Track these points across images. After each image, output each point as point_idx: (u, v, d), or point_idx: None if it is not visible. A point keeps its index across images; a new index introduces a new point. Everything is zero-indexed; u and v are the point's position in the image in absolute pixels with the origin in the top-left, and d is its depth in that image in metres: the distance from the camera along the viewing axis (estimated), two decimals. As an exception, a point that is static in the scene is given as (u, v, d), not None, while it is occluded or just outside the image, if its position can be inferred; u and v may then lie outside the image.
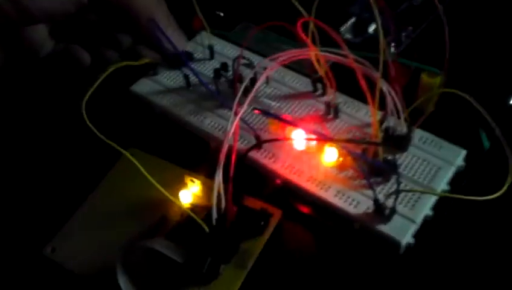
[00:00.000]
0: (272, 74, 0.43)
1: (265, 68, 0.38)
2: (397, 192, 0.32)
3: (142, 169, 0.33)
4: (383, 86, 0.35)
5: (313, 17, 0.35)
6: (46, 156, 0.43)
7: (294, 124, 0.35)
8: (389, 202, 0.34)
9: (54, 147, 0.44)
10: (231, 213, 0.34)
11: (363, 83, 0.34)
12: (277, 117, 0.36)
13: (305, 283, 0.34)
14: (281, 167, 0.38)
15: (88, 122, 0.33)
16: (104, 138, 0.33)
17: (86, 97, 0.34)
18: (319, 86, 0.42)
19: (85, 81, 0.38)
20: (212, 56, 0.46)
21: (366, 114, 0.40)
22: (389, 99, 0.36)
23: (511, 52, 0.46)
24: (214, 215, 0.34)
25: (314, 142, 0.36)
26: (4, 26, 0.36)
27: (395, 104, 0.36)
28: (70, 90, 0.45)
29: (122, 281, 0.33)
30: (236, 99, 0.35)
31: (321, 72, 0.38)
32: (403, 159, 0.37)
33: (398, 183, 0.32)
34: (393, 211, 0.34)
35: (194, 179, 0.37)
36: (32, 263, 0.37)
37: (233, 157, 0.33)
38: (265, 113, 0.37)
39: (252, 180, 0.38)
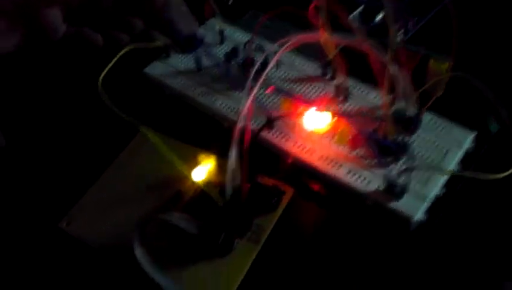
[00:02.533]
0: (282, 58, 0.44)
1: (275, 52, 0.38)
2: (410, 169, 0.33)
3: (159, 142, 0.33)
4: (393, 68, 0.36)
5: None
6: (62, 132, 0.44)
7: (306, 102, 0.36)
8: (401, 180, 0.35)
9: (70, 124, 0.45)
10: (245, 188, 0.35)
11: (375, 64, 0.35)
12: (290, 95, 0.36)
13: (316, 258, 0.35)
14: (292, 146, 0.39)
15: (105, 98, 0.33)
16: (123, 114, 0.33)
17: (103, 74, 0.35)
18: (329, 70, 0.43)
19: (99, 62, 0.39)
20: (222, 41, 0.47)
21: (376, 97, 0.41)
22: (398, 81, 0.36)
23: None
24: (228, 190, 0.34)
25: (325, 122, 0.36)
26: (22, 6, 0.37)
27: (404, 87, 0.37)
28: (85, 71, 0.46)
29: (139, 253, 0.33)
30: (250, 78, 0.36)
31: (331, 55, 0.39)
32: (413, 141, 0.38)
33: (412, 160, 0.33)
34: (404, 188, 0.34)
35: (208, 156, 0.38)
36: (48, 236, 0.37)
37: (248, 132, 0.34)
38: (279, 91, 0.38)
39: (265, 161, 0.39)
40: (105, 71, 0.35)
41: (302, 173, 0.38)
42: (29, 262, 0.36)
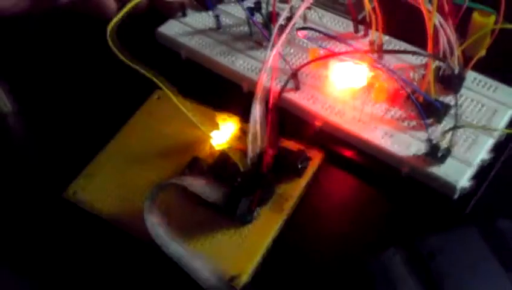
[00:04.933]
0: (310, 15, 0.40)
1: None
2: (455, 128, 0.29)
3: (178, 101, 0.29)
4: (437, 19, 0.32)
5: None
6: (68, 95, 0.41)
7: (337, 55, 0.32)
8: (443, 143, 0.31)
9: (76, 85, 0.41)
10: (268, 152, 0.32)
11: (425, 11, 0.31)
12: (320, 45, 0.32)
13: (347, 230, 0.31)
14: (321, 108, 0.35)
15: (114, 48, 0.30)
16: (139, 67, 0.29)
17: (112, 23, 0.31)
18: (361, 27, 0.39)
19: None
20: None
21: (413, 56, 0.37)
22: (442, 34, 0.33)
23: None
24: (250, 153, 0.31)
25: (360, 77, 0.32)
26: None
27: (448, 41, 0.33)
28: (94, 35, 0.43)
29: (150, 223, 0.30)
30: (274, 31, 0.32)
31: (368, 6, 0.35)
32: (456, 101, 0.34)
33: (457, 117, 0.29)
34: (447, 151, 0.31)
35: (227, 117, 0.34)
36: (52, 207, 0.34)
37: (272, 90, 0.30)
38: (309, 38, 0.34)
39: (289, 125, 0.35)
40: (114, 21, 0.31)
41: (331, 138, 0.35)
42: (33, 236, 0.33)
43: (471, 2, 0.36)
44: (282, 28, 0.34)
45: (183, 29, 0.41)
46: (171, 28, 0.42)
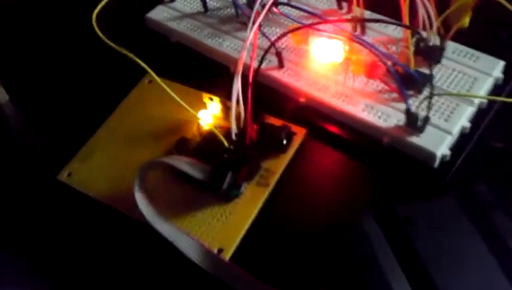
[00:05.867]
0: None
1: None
2: (431, 96, 0.30)
3: (164, 85, 0.30)
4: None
5: None
6: (60, 80, 0.42)
7: (317, 29, 0.32)
8: (422, 113, 0.31)
9: (68, 72, 0.43)
10: (251, 128, 0.32)
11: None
12: (301, 23, 0.33)
13: (331, 202, 0.32)
14: (304, 84, 0.36)
15: (100, 33, 0.31)
16: (127, 51, 0.30)
17: (97, 9, 0.32)
18: (345, 4, 0.39)
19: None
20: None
21: (395, 30, 0.37)
22: (421, 6, 0.33)
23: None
24: (234, 129, 0.32)
25: (338, 51, 0.33)
26: None
27: (427, 13, 0.33)
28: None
29: (139, 198, 0.31)
30: (256, 7, 0.33)
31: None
32: (436, 72, 0.34)
33: (432, 86, 0.29)
34: (426, 120, 0.31)
35: (213, 97, 0.35)
36: (47, 189, 0.35)
37: (251, 66, 0.31)
38: (291, 16, 0.34)
39: (274, 103, 0.36)
40: (99, 7, 0.32)
41: (315, 113, 0.35)
42: (29, 218, 0.34)
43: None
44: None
45: (172, 14, 0.42)
46: (160, 13, 0.43)
